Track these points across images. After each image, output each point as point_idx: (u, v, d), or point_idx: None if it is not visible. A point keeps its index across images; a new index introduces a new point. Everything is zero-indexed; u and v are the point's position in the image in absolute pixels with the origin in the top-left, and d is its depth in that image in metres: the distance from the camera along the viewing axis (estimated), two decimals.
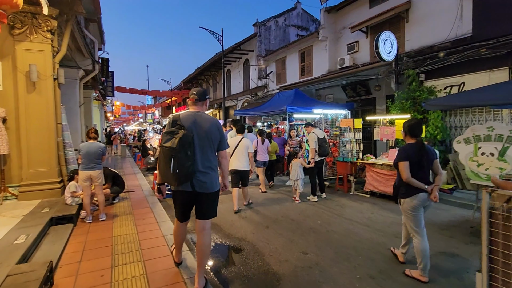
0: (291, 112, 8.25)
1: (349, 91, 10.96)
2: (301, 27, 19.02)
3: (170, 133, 2.42)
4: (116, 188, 5.59)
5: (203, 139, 2.52)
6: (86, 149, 4.49)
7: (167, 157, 2.36)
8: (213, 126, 2.59)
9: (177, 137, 2.34)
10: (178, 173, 2.34)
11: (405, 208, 2.89)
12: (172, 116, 2.58)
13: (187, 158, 2.35)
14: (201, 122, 2.54)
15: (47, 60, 5.32)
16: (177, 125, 2.47)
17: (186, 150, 2.36)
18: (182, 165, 2.33)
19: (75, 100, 9.76)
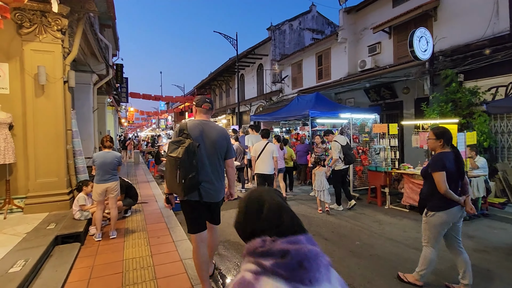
0: (314, 117, 7.63)
1: (372, 95, 10.25)
2: (316, 31, 18.45)
3: (176, 142, 2.37)
4: (129, 200, 5.08)
5: (211, 148, 2.49)
6: (101, 159, 4.00)
7: (172, 167, 2.31)
8: (221, 135, 2.58)
9: (183, 147, 2.30)
10: (184, 183, 2.29)
11: (434, 222, 2.64)
12: (179, 125, 2.55)
13: (192, 168, 2.31)
14: (208, 131, 2.52)
15: (56, 62, 4.90)
16: (183, 134, 2.42)
17: (192, 160, 2.31)
18: (187, 175, 2.28)
19: (89, 105, 9.41)
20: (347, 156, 5.45)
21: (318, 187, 5.44)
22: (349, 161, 5.50)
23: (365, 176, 6.51)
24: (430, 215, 2.64)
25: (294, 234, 0.80)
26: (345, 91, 11.38)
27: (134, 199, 5.23)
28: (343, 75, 11.75)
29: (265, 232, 0.80)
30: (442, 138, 2.66)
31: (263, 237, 0.77)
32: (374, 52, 10.78)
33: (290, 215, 0.87)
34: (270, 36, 17.31)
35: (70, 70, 5.16)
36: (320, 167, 5.61)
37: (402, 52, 9.93)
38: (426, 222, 2.70)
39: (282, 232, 0.80)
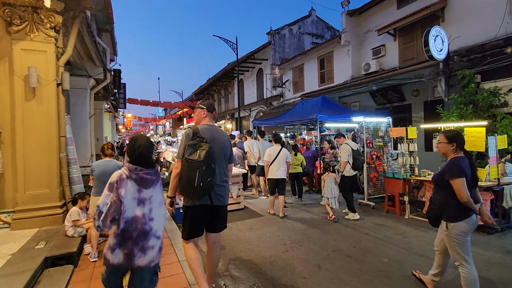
0: (322, 121, 7.23)
1: (378, 98, 9.90)
2: (316, 35, 18.21)
3: (193, 145, 2.38)
4: None
5: (219, 153, 2.56)
6: (102, 169, 3.55)
7: (191, 170, 2.29)
8: (226, 140, 2.69)
9: (203, 150, 2.32)
10: (202, 186, 2.30)
11: (454, 233, 2.40)
12: (191, 128, 2.54)
13: (211, 172, 2.35)
14: (217, 135, 2.60)
15: (49, 62, 4.45)
16: (197, 137, 2.44)
17: (211, 163, 2.35)
18: (206, 178, 2.30)
19: (85, 111, 8.94)
20: (356, 161, 5.26)
21: (329, 194, 5.18)
22: (357, 167, 5.29)
23: (379, 183, 6.09)
24: (450, 227, 2.41)
25: (148, 167, 1.93)
26: (350, 95, 11.03)
27: None
28: (347, 79, 11.43)
29: (136, 163, 1.90)
30: (454, 141, 2.46)
31: (137, 166, 1.89)
32: (379, 55, 10.48)
33: (151, 151, 1.97)
34: (269, 40, 17.03)
35: (64, 71, 4.72)
36: (330, 173, 5.31)
37: (408, 55, 9.65)
38: (448, 237, 2.45)
39: (144, 165, 1.92)
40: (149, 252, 1.86)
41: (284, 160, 5.52)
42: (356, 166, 5.28)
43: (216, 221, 2.61)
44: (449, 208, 2.41)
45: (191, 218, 2.51)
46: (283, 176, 5.50)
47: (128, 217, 1.84)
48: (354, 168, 5.29)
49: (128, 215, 1.84)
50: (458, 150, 2.48)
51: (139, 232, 1.85)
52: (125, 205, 1.83)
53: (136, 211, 1.86)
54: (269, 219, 5.45)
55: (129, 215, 1.84)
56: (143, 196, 1.89)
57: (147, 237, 1.86)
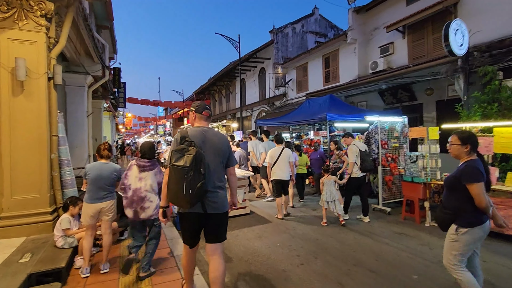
0: (332, 120, 6.81)
1: (387, 97, 9.49)
2: (319, 34, 17.81)
3: (180, 150, 2.22)
4: (125, 220, 4.15)
5: (213, 156, 2.36)
6: (96, 172, 3.12)
7: (178, 177, 2.15)
8: (222, 142, 2.47)
9: (190, 155, 2.16)
10: (191, 193, 2.15)
11: (468, 239, 2.26)
12: (180, 132, 2.38)
13: (200, 177, 2.17)
14: (210, 138, 2.40)
15: (40, 54, 4.02)
16: (186, 141, 2.26)
17: (200, 169, 2.19)
18: (195, 185, 2.14)
19: (83, 109, 8.51)
20: (364, 162, 5.01)
21: (328, 198, 4.90)
22: (364, 168, 5.04)
23: (395, 187, 5.67)
24: (462, 233, 2.26)
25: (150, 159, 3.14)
26: (357, 94, 10.61)
27: None
28: (353, 78, 11.03)
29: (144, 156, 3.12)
30: (468, 143, 2.32)
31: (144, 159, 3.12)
32: (387, 53, 10.09)
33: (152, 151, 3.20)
34: (272, 39, 16.61)
35: (57, 64, 4.29)
36: (329, 176, 5.04)
37: (417, 52, 9.24)
38: (456, 240, 2.29)
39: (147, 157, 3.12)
40: (146, 210, 3.00)
41: (286, 160, 5.36)
42: (364, 167, 5.03)
43: (211, 230, 2.39)
44: (465, 214, 2.27)
45: (184, 225, 2.42)
46: (287, 178, 5.34)
47: (132, 188, 3.01)
48: (362, 169, 5.05)
49: (132, 187, 3.02)
50: (472, 153, 2.33)
51: (138, 198, 2.99)
52: (130, 181, 3.04)
53: (137, 185, 3.02)
54: (277, 226, 5.02)
55: (132, 187, 3.02)
56: (141, 176, 3.05)
57: (143, 200, 2.99)
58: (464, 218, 2.26)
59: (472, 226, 2.23)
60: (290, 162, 5.41)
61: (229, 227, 5.06)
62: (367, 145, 5.50)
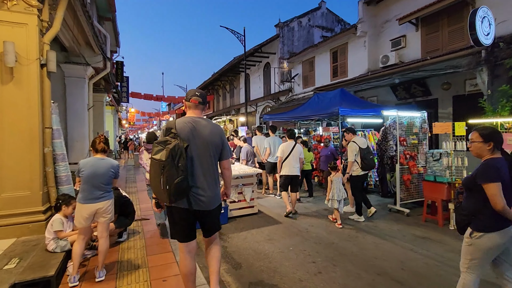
0: (345, 115, 6.39)
1: (400, 92, 9.03)
2: (326, 28, 17.28)
3: (162, 143, 2.05)
4: (124, 221, 3.80)
5: (203, 149, 2.17)
6: (91, 169, 2.75)
7: (156, 171, 2.01)
8: (215, 133, 2.25)
9: (167, 148, 1.98)
10: (169, 189, 1.98)
11: (482, 245, 2.04)
12: (167, 123, 2.23)
13: (177, 172, 1.98)
14: (200, 129, 2.19)
15: (31, 38, 3.63)
16: (171, 133, 2.11)
17: (177, 163, 1.99)
18: (172, 180, 1.96)
19: (83, 102, 8.15)
20: (365, 160, 4.78)
21: (338, 197, 4.58)
22: (366, 167, 4.81)
23: (413, 187, 5.25)
24: (477, 237, 2.08)
25: None
26: (367, 89, 10.15)
27: (131, 218, 3.95)
28: (362, 72, 10.56)
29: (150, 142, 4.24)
30: (491, 140, 2.12)
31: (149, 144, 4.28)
32: (398, 46, 9.61)
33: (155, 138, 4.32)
34: (278, 33, 16.12)
35: (51, 50, 3.89)
36: (338, 173, 4.76)
37: (431, 46, 8.77)
38: (470, 244, 2.12)
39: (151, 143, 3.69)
40: None
41: (298, 156, 5.24)
42: (366, 166, 4.78)
43: (205, 226, 2.31)
44: (481, 216, 2.09)
45: (171, 220, 2.24)
46: (297, 173, 5.21)
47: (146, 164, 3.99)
48: (364, 168, 4.81)
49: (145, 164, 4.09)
50: (495, 151, 2.14)
51: None
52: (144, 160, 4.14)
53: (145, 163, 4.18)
54: (288, 227, 4.64)
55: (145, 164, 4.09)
56: None
57: None
58: (480, 221, 2.08)
59: (488, 231, 2.03)
60: (300, 158, 5.30)
61: (236, 228, 4.78)
62: (384, 142, 5.09)
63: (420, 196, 5.29)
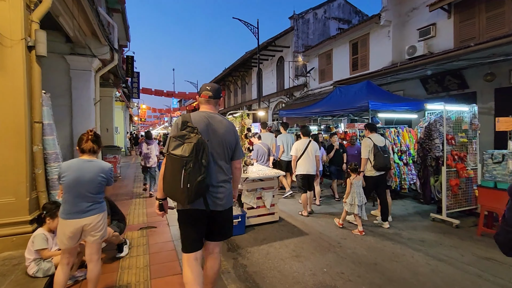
0: (376, 109, 5.59)
1: (431, 85, 8.12)
2: (342, 20, 16.32)
3: (180, 137, 1.86)
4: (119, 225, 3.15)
5: (218, 146, 2.03)
6: (75, 174, 2.11)
7: (176, 168, 1.81)
8: (229, 130, 2.12)
9: (191, 143, 1.81)
10: (190, 188, 1.79)
11: None
12: (182, 117, 2.01)
13: (201, 169, 1.82)
14: (215, 125, 2.05)
15: (14, 13, 3.01)
16: (188, 127, 1.90)
17: (201, 160, 1.82)
18: (194, 178, 1.79)
19: (88, 95, 7.59)
20: (378, 158, 4.29)
21: (359, 201, 4.10)
22: (379, 166, 4.30)
23: (461, 193, 4.44)
24: None
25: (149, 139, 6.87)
26: (392, 82, 9.24)
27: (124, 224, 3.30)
28: (386, 64, 9.66)
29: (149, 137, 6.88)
30: None
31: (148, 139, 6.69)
32: (427, 36, 8.70)
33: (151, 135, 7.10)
34: (292, 25, 15.28)
35: (40, 30, 3.26)
36: (358, 176, 4.29)
37: (466, 34, 7.83)
38: None
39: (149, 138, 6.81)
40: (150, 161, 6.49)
41: (313, 154, 4.94)
42: (379, 165, 4.28)
43: (217, 229, 2.11)
44: None
45: (184, 226, 2.04)
46: (313, 172, 4.91)
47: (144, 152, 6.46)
48: (378, 168, 4.32)
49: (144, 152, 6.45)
50: None
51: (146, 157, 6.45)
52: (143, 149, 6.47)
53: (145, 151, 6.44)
54: (317, 239, 3.92)
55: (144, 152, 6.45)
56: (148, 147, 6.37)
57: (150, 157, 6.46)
58: None
59: None
60: (316, 156, 4.99)
61: (256, 240, 3.98)
62: (428, 140, 4.29)
63: (468, 204, 4.48)
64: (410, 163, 5.60)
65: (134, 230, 3.98)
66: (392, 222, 4.48)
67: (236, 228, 4.03)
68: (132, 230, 3.95)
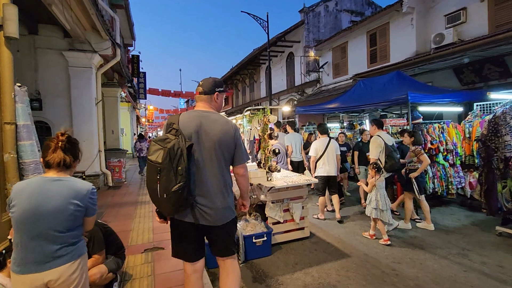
0: (416, 102, 4.71)
1: (467, 75, 7.18)
2: (355, 12, 15.35)
3: (160, 141, 1.64)
4: (115, 261, 2.36)
5: (211, 149, 1.74)
6: (31, 201, 1.34)
7: (152, 175, 1.61)
8: (226, 130, 1.80)
9: (165, 148, 1.59)
10: (166, 198, 1.58)
11: None
12: (169, 118, 1.85)
13: (176, 178, 1.56)
14: (208, 125, 1.77)
15: None
16: (172, 129, 1.69)
17: (177, 167, 1.57)
18: (168, 189, 1.56)
19: (90, 95, 6.90)
20: (390, 160, 3.98)
21: (383, 205, 3.60)
22: (390, 168, 4.06)
23: None
24: None
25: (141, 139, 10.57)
26: (418, 74, 8.31)
27: (122, 257, 2.51)
28: (409, 55, 8.76)
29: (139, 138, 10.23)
30: None
31: None
32: (456, 22, 7.78)
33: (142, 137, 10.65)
34: (302, 19, 14.39)
35: (9, 4, 2.50)
36: (382, 176, 3.77)
37: (503, 18, 6.91)
38: None
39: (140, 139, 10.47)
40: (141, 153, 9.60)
41: (334, 154, 4.58)
42: (390, 167, 4.02)
43: (213, 243, 1.83)
44: None
45: (172, 235, 1.81)
46: (334, 173, 4.55)
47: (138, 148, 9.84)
48: (388, 169, 4.05)
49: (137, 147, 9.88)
50: None
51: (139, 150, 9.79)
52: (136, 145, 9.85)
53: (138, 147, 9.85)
54: (363, 263, 3.09)
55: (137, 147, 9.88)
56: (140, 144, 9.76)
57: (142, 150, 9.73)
58: None
59: None
60: (337, 155, 4.62)
61: (287, 264, 2.73)
62: (495, 137, 3.42)
63: None
64: (458, 164, 4.72)
65: (137, 253, 3.21)
66: (449, 237, 3.63)
67: (260, 249, 3.24)
68: (134, 253, 3.19)
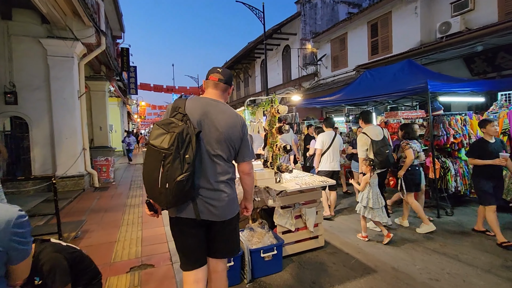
0: (436, 92, 4.20)
1: (478, 65, 6.72)
2: (352, 4, 14.81)
3: (164, 125, 1.45)
4: None
5: (216, 142, 1.56)
6: None
7: (153, 162, 1.41)
8: (234, 123, 1.62)
9: (173, 133, 1.39)
10: (168, 188, 1.37)
11: None
12: (174, 102, 1.65)
13: (183, 166, 1.38)
14: (215, 116, 1.58)
15: None
16: (177, 113, 1.50)
17: (184, 155, 1.39)
18: (172, 178, 1.36)
19: (72, 87, 6.19)
20: (379, 155, 3.73)
21: (376, 204, 3.36)
22: (384, 164, 3.77)
23: None
24: None
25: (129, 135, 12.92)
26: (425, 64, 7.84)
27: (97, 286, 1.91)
28: (413, 45, 8.27)
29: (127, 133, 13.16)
30: None
31: None
32: (464, 10, 7.31)
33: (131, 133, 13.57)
34: (299, 10, 13.80)
35: None
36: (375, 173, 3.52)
37: None
38: None
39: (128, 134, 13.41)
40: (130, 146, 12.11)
41: (338, 148, 4.52)
42: (382, 163, 3.72)
43: (213, 242, 1.63)
44: None
45: (174, 237, 1.62)
46: (338, 168, 4.50)
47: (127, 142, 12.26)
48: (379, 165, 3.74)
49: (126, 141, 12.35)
50: None
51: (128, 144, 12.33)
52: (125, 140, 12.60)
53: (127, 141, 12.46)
54: (394, 282, 2.56)
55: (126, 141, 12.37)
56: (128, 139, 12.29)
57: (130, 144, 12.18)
58: None
59: None
60: (340, 151, 4.61)
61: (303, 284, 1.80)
62: None
63: None
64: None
65: (122, 272, 2.62)
66: (483, 244, 3.15)
67: (270, 265, 2.70)
68: (118, 274, 2.60)
